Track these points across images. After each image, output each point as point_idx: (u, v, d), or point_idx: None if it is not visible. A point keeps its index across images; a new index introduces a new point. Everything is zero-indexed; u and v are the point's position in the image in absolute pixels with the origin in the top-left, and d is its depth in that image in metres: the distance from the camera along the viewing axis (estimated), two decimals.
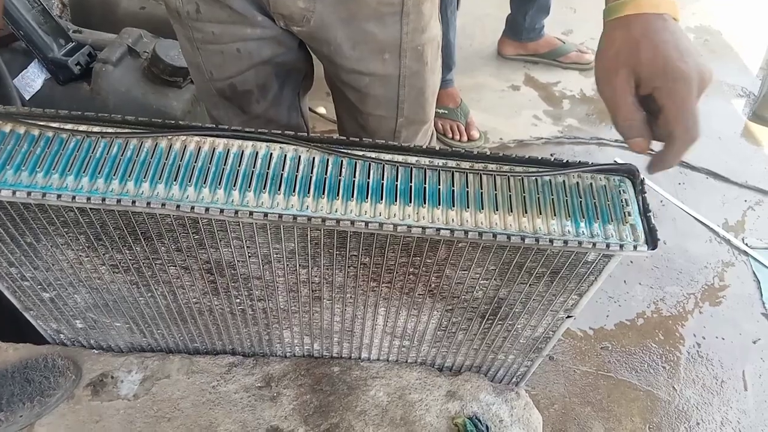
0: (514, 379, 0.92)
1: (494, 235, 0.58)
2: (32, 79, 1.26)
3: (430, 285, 0.71)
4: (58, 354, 0.85)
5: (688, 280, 1.63)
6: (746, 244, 1.69)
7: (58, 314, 0.82)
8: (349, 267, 0.69)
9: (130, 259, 0.70)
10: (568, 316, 0.76)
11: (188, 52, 0.85)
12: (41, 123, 0.62)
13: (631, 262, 1.62)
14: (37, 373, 0.83)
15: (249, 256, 0.68)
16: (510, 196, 0.61)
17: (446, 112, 1.86)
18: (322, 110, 1.86)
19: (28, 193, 0.57)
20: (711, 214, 1.76)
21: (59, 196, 0.57)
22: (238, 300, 0.77)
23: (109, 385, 0.84)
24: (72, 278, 0.74)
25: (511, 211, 0.60)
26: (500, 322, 0.77)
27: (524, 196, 0.61)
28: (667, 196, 1.79)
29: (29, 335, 0.92)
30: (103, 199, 0.57)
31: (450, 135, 1.87)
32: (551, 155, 0.63)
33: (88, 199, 0.57)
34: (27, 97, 1.24)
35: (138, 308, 0.79)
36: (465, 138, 1.87)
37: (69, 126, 0.62)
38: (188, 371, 0.86)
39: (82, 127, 0.62)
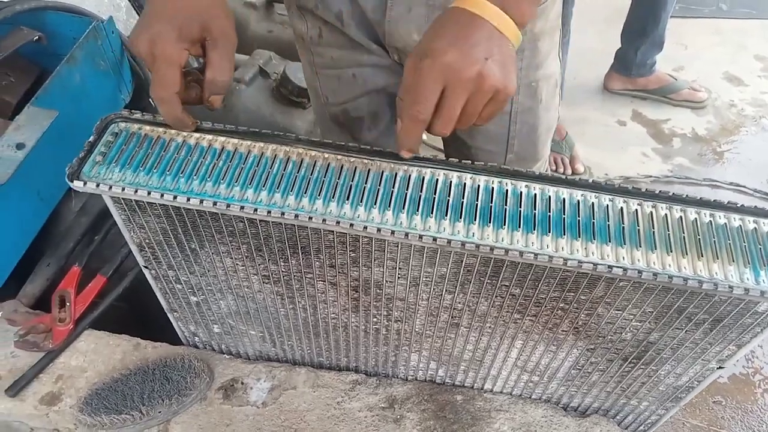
0: (641, 427, 0.88)
1: (670, 278, 0.57)
2: None
3: (577, 322, 0.69)
4: (194, 356, 0.89)
5: None
6: None
7: (199, 318, 0.86)
8: (496, 297, 0.69)
9: (282, 271, 0.72)
10: (720, 367, 0.72)
11: (309, 76, 0.89)
12: (222, 137, 0.67)
13: None
14: (175, 372, 0.86)
15: (398, 278, 0.69)
16: (683, 237, 0.59)
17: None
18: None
19: (214, 203, 0.61)
20: None
21: (242, 207, 0.61)
22: (375, 319, 0.78)
23: (239, 391, 0.87)
24: (223, 285, 0.78)
25: (686, 254, 0.58)
26: (643, 367, 0.74)
27: (698, 239, 0.59)
28: None
29: (154, 333, 0.96)
30: (282, 213, 0.60)
31: (554, 168, 1.85)
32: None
33: (269, 212, 0.60)
34: None
35: (276, 319, 0.82)
36: (569, 171, 1.84)
37: (248, 141, 0.66)
38: (314, 384, 0.88)
39: (260, 143, 0.66)
